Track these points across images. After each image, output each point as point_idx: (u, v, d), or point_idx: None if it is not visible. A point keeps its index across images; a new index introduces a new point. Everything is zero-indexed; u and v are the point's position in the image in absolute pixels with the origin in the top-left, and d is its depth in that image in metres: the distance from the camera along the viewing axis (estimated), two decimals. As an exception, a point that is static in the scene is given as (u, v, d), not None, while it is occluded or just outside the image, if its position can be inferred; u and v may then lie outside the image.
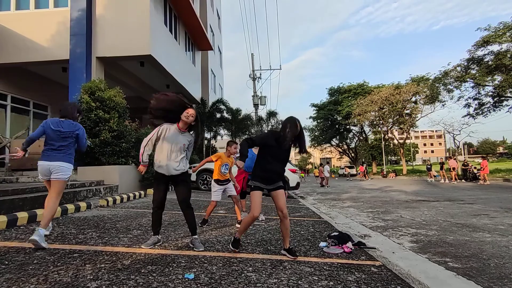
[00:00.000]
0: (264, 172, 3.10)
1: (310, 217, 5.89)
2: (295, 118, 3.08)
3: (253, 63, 23.41)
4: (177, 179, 3.32)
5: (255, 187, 3.08)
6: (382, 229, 5.08)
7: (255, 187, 3.08)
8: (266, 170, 3.09)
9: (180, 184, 3.34)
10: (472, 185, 15.75)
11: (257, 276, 2.52)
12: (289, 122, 3.03)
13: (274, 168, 3.11)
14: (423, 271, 2.82)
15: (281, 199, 3.10)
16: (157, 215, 3.37)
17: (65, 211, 5.23)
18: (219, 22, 24.72)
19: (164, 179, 3.31)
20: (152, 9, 10.07)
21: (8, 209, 4.53)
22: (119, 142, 8.37)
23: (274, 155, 3.09)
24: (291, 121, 3.04)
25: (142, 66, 11.07)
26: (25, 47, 9.77)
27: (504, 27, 20.18)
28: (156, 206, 3.34)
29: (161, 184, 3.31)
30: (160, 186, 3.32)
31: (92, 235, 3.79)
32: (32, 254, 2.93)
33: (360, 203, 9.01)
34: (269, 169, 3.09)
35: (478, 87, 23.15)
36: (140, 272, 2.52)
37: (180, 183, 3.34)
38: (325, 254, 3.31)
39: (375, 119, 34.64)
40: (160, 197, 3.32)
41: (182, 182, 3.34)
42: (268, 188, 3.14)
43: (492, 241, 4.11)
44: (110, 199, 6.59)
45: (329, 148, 48.08)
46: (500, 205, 7.68)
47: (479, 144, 79.99)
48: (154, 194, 3.39)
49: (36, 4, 10.15)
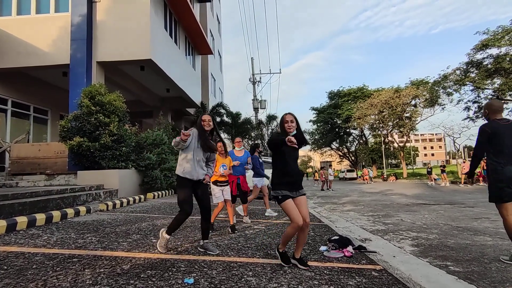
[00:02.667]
0: (288, 177, 2.87)
1: (311, 221, 5.86)
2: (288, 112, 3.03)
3: (253, 67, 23.46)
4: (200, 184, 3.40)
5: (283, 197, 2.80)
6: (383, 233, 5.06)
7: (283, 197, 2.80)
8: (288, 174, 2.87)
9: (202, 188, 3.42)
10: (473, 188, 15.71)
11: (257, 281, 2.50)
12: (284, 116, 2.97)
13: (295, 168, 2.91)
14: (424, 275, 2.80)
15: (304, 207, 2.86)
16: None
17: (65, 215, 5.21)
18: (219, 27, 24.86)
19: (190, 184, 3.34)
20: (153, 14, 10.13)
21: (8, 214, 4.52)
22: (119, 146, 8.37)
23: (289, 155, 2.91)
24: (285, 114, 2.98)
25: (142, 71, 11.11)
26: (26, 51, 9.82)
27: (502, 31, 20.30)
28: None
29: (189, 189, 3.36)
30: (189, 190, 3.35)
31: (91, 240, 3.77)
32: (31, 259, 2.92)
33: (361, 207, 8.98)
34: (291, 171, 2.88)
35: (477, 90, 23.21)
36: (140, 277, 2.50)
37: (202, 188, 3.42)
38: (326, 258, 3.29)
39: (375, 123, 34.69)
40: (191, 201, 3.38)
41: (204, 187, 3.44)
42: (294, 195, 2.86)
43: (493, 245, 4.09)
44: (109, 204, 6.58)
45: (329, 152, 48.08)
46: (501, 209, 7.65)
47: (479, 147, 79.74)
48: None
49: (37, 9, 10.23)
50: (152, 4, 10.12)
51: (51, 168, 8.81)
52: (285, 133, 2.89)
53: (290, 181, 2.85)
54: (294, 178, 2.87)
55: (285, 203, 2.79)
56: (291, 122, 2.90)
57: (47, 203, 5.40)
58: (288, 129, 2.89)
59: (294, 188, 2.87)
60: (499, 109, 3.36)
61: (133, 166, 8.87)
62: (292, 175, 2.86)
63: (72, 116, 8.28)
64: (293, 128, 2.90)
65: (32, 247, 3.39)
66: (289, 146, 2.70)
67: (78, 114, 8.26)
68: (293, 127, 2.90)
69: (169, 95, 14.75)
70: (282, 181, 2.86)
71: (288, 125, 2.89)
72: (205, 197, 3.37)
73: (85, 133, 8.06)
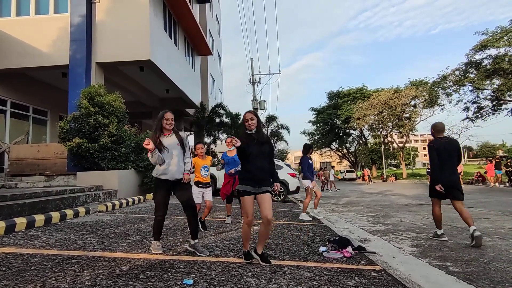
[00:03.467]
0: (249, 173, 2.93)
1: (311, 222, 5.87)
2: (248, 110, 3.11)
3: (252, 68, 23.42)
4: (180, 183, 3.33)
5: (243, 192, 2.90)
6: (382, 233, 5.06)
7: (243, 192, 2.90)
8: (249, 171, 2.94)
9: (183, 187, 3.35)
10: (472, 189, 15.71)
11: (257, 282, 2.50)
12: (244, 115, 3.04)
13: (260, 165, 2.94)
14: (424, 276, 2.80)
15: (266, 203, 2.91)
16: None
17: (64, 216, 5.20)
18: (219, 27, 24.87)
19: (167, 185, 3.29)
20: (152, 15, 10.13)
21: (7, 215, 4.51)
22: (119, 147, 8.36)
23: (254, 152, 2.94)
24: (245, 113, 3.06)
25: (142, 71, 11.10)
26: (25, 52, 9.81)
27: (501, 31, 20.34)
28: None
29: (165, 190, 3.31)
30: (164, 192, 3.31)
31: (90, 241, 3.77)
32: (30, 260, 2.91)
33: (360, 207, 8.98)
34: (253, 168, 2.93)
35: (476, 90, 23.26)
36: (139, 278, 2.50)
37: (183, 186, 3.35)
38: (325, 258, 3.29)
39: (375, 123, 34.73)
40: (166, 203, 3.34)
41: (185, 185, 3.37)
42: (257, 191, 2.92)
43: (492, 245, 4.09)
44: (109, 204, 6.57)
45: (329, 152, 48.09)
46: (500, 209, 7.66)
47: (478, 148, 79.99)
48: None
49: (36, 10, 10.21)
50: (152, 5, 10.12)
51: (50, 169, 8.80)
52: (245, 129, 3.02)
53: (250, 177, 2.92)
54: (256, 174, 2.92)
55: (243, 198, 2.92)
56: (251, 120, 3.00)
57: (46, 204, 5.39)
58: (248, 127, 3.01)
59: (257, 184, 2.92)
60: (441, 129, 4.48)
61: (132, 167, 8.86)
62: (253, 172, 2.92)
63: (71, 117, 8.27)
64: (254, 126, 3.01)
65: (31, 248, 3.38)
66: (251, 143, 2.92)
67: (77, 115, 8.25)
68: (253, 124, 3.00)
69: (169, 95, 14.74)
70: (244, 176, 2.97)
71: (249, 123, 3.00)
72: (185, 194, 3.31)
73: (85, 134, 8.05)
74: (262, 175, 2.95)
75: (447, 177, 4.22)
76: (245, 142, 2.92)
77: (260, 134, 3.02)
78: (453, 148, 4.28)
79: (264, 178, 2.97)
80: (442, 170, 4.23)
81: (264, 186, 2.96)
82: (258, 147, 2.96)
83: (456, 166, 4.33)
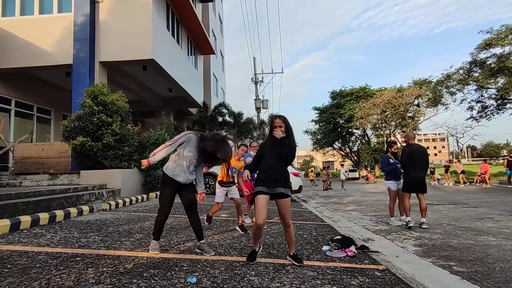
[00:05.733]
0: (262, 173, 2.96)
1: (313, 221, 5.86)
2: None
3: (255, 67, 23.43)
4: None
5: (257, 192, 2.94)
6: (386, 233, 5.04)
7: (257, 192, 2.94)
8: (263, 171, 2.97)
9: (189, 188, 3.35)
10: (476, 189, 15.62)
11: (260, 280, 2.50)
12: (273, 120, 3.05)
13: (272, 165, 2.95)
14: (428, 275, 2.79)
15: (283, 208, 2.94)
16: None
17: (68, 214, 5.24)
18: (221, 27, 24.87)
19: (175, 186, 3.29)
20: (155, 14, 10.15)
21: (12, 213, 4.55)
22: (122, 146, 8.39)
23: (267, 153, 3.00)
24: (274, 118, 3.06)
25: (145, 71, 11.14)
26: (29, 52, 9.87)
27: (506, 30, 20.14)
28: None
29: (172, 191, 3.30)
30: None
31: (94, 239, 3.79)
32: (34, 258, 2.93)
33: (363, 207, 8.96)
34: (266, 168, 2.96)
35: (481, 89, 23.06)
36: (143, 276, 2.51)
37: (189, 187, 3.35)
38: (328, 258, 3.28)
39: (378, 122, 34.56)
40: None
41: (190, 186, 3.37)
42: (272, 191, 2.92)
43: (497, 245, 4.07)
44: (112, 203, 6.60)
45: (332, 152, 47.96)
46: (505, 208, 7.61)
47: (482, 147, 79.48)
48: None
49: (40, 10, 10.27)
50: (155, 4, 10.14)
51: (54, 167, 8.85)
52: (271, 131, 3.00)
53: (264, 177, 2.93)
54: (269, 174, 2.92)
55: (256, 198, 2.93)
56: (279, 127, 2.97)
57: (50, 203, 5.43)
58: (275, 133, 2.96)
59: (271, 184, 2.90)
60: (413, 137, 5.86)
61: (135, 165, 8.89)
62: (266, 172, 2.93)
63: (75, 116, 8.32)
64: (280, 135, 2.94)
65: (36, 246, 3.41)
66: (268, 146, 2.98)
67: (81, 114, 8.29)
68: (281, 133, 2.94)
69: (172, 95, 14.78)
70: (259, 177, 2.98)
71: (276, 131, 2.96)
72: (190, 196, 3.31)
73: (88, 133, 8.08)
74: (276, 175, 2.92)
75: (417, 175, 5.34)
76: (267, 147, 2.98)
77: (288, 139, 2.98)
78: (421, 153, 5.45)
79: (278, 178, 2.92)
80: (414, 169, 5.35)
81: (279, 186, 2.91)
82: (277, 148, 2.95)
83: (424, 166, 5.42)
